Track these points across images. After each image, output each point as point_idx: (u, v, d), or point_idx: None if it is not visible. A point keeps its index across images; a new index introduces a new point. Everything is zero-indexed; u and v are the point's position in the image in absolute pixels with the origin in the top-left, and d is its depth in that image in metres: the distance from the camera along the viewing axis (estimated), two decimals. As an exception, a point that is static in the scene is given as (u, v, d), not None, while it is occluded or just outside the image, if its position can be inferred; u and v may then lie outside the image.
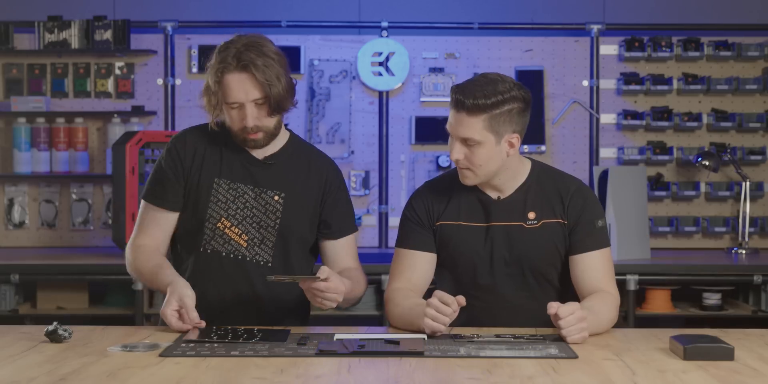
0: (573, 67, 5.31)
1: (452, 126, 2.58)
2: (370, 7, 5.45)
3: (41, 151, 5.17)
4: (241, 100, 2.60)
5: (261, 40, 2.65)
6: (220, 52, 2.61)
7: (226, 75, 2.59)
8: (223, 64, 2.59)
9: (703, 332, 2.46)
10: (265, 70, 2.58)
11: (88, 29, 5.15)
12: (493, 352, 2.26)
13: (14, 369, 2.11)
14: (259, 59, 2.58)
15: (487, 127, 2.54)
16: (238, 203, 2.70)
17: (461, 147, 2.57)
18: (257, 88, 2.59)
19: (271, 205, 2.71)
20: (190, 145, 2.74)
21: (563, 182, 2.70)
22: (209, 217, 2.69)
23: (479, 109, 2.52)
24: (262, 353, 2.25)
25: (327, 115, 5.29)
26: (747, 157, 5.23)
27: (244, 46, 2.60)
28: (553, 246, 2.66)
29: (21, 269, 4.55)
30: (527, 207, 2.66)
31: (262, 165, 2.72)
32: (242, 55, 2.58)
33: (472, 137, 2.55)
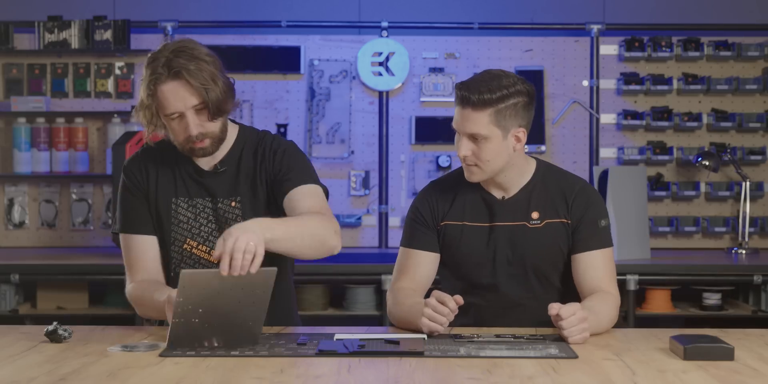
0: (573, 67, 5.31)
1: (458, 122, 2.58)
2: (370, 7, 5.45)
3: (41, 151, 5.17)
4: (179, 109, 2.49)
5: (190, 43, 2.55)
6: (150, 63, 2.50)
7: (159, 86, 2.48)
8: (154, 75, 2.48)
9: (703, 332, 2.46)
10: (198, 74, 2.47)
11: (88, 29, 5.16)
12: (493, 352, 2.26)
13: (14, 369, 2.11)
14: (191, 64, 2.48)
15: (494, 121, 2.55)
16: (200, 220, 2.64)
17: (468, 143, 2.58)
18: (194, 95, 2.48)
19: (230, 213, 2.64)
20: (142, 169, 2.66)
21: (567, 181, 2.70)
22: (174, 240, 2.65)
23: (485, 103, 2.53)
24: (262, 353, 2.25)
25: (327, 115, 5.29)
26: (747, 157, 5.24)
27: (173, 53, 2.49)
28: (556, 246, 2.66)
29: (21, 269, 4.55)
30: (531, 207, 2.66)
31: (213, 174, 2.65)
32: (172, 63, 2.47)
33: (479, 132, 2.55)
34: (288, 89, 5.30)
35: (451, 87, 5.28)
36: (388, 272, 4.47)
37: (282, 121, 5.29)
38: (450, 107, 5.29)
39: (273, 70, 5.28)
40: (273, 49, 5.28)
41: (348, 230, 5.27)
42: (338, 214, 5.26)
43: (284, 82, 5.30)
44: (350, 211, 5.29)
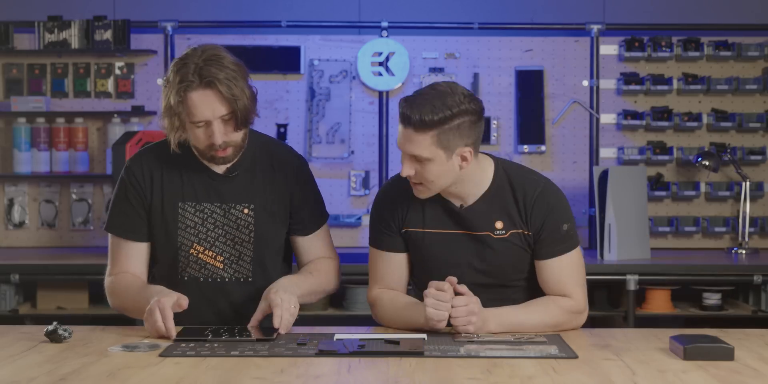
0: (573, 67, 5.31)
1: (400, 142, 2.48)
2: (370, 7, 5.45)
3: (41, 151, 5.17)
4: (207, 117, 2.50)
5: (218, 51, 2.55)
6: (179, 69, 2.51)
7: (190, 93, 2.49)
8: (185, 82, 2.48)
9: (703, 332, 2.46)
10: (230, 84, 2.48)
11: (88, 29, 5.15)
12: (493, 352, 2.26)
13: (14, 369, 2.11)
14: (221, 73, 2.49)
15: (436, 143, 2.44)
16: (207, 225, 2.64)
17: (411, 163, 2.48)
18: (223, 105, 2.49)
19: (242, 220, 2.65)
20: (146, 169, 2.65)
21: (525, 187, 2.60)
22: (181, 245, 2.64)
23: (426, 125, 2.42)
24: (262, 353, 2.25)
25: (327, 115, 5.29)
26: (747, 157, 5.23)
27: (204, 61, 2.50)
28: (522, 255, 2.62)
29: (21, 269, 4.55)
30: (493, 216, 2.60)
31: (225, 178, 2.65)
32: (203, 71, 2.48)
33: (420, 154, 2.45)
34: (288, 89, 5.30)
35: (451, 87, 5.27)
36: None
37: (282, 121, 5.29)
38: (450, 107, 5.29)
39: (273, 70, 5.28)
40: (273, 49, 5.28)
41: (348, 230, 5.27)
42: (338, 214, 5.26)
43: (284, 82, 5.30)
44: (350, 211, 5.29)
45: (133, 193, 2.65)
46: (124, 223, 2.65)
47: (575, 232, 2.64)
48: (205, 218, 2.64)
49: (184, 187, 2.64)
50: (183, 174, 2.65)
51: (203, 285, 2.66)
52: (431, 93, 2.47)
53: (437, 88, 2.49)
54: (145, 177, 2.64)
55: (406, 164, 2.50)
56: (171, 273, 2.66)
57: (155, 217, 2.64)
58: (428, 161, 2.47)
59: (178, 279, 2.65)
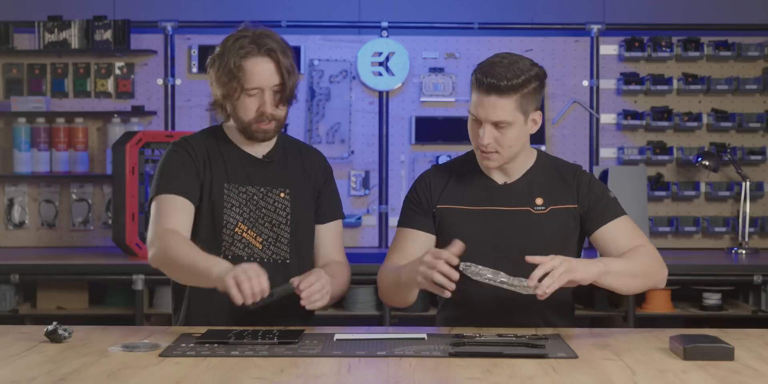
0: (573, 67, 5.31)
1: (482, 110, 2.53)
2: (370, 7, 5.45)
3: (41, 151, 5.17)
4: (262, 85, 2.59)
5: (272, 32, 2.66)
6: (235, 40, 2.60)
7: (249, 59, 2.58)
8: (244, 49, 2.58)
9: (703, 332, 2.46)
10: (285, 57, 2.59)
11: (88, 29, 5.16)
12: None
13: (14, 369, 2.11)
14: (277, 45, 2.60)
15: (518, 107, 2.53)
16: (250, 205, 2.70)
17: (491, 130, 2.55)
18: (278, 75, 2.59)
19: (279, 203, 2.72)
20: (197, 148, 2.70)
21: (566, 167, 2.72)
22: (226, 223, 2.67)
23: (512, 89, 2.50)
24: (262, 353, 2.25)
25: (327, 115, 5.29)
26: (747, 157, 5.24)
27: (260, 35, 2.61)
28: (561, 232, 2.64)
29: (21, 269, 4.54)
30: (534, 192, 2.66)
31: (263, 163, 2.73)
32: (260, 40, 2.59)
33: (505, 119, 2.53)
34: (288, 89, 5.30)
35: (452, 87, 5.28)
36: (388, 272, 4.48)
37: (282, 121, 5.28)
38: (450, 107, 5.30)
39: (273, 70, 5.28)
40: (273, 49, 5.28)
41: (348, 230, 5.27)
42: (338, 214, 5.26)
43: (284, 82, 5.30)
44: (350, 211, 5.29)
45: (191, 162, 2.67)
46: (178, 183, 2.64)
47: (619, 203, 2.69)
48: (248, 199, 2.70)
49: (228, 169, 2.70)
50: (225, 157, 2.71)
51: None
52: (504, 61, 2.53)
53: (507, 56, 2.55)
54: (198, 154, 2.69)
55: (486, 132, 2.54)
56: (214, 252, 2.60)
57: (204, 193, 2.68)
58: (509, 126, 2.54)
59: (221, 258, 2.60)
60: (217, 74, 2.61)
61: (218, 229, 2.68)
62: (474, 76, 2.54)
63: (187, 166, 2.67)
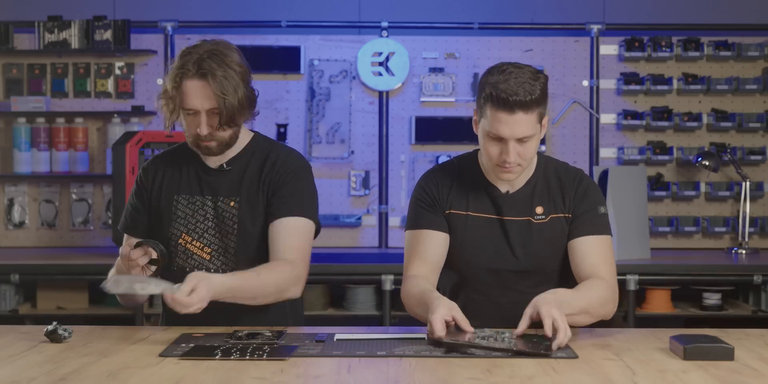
0: (573, 67, 5.31)
1: (507, 128, 2.47)
2: (370, 7, 5.45)
3: (41, 151, 5.17)
4: (196, 107, 2.57)
5: (225, 49, 2.62)
6: (183, 56, 2.58)
7: (185, 80, 2.56)
8: (183, 69, 2.56)
9: (703, 332, 2.46)
10: (223, 81, 2.54)
11: (88, 29, 5.16)
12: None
13: (14, 369, 2.11)
14: (219, 70, 2.55)
15: (537, 118, 2.50)
16: (198, 216, 2.69)
17: (516, 146, 2.50)
18: (212, 99, 2.55)
19: (227, 212, 2.67)
20: (152, 170, 2.76)
21: (567, 174, 2.69)
22: (171, 235, 2.69)
23: (535, 103, 2.47)
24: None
25: (327, 115, 5.29)
26: (747, 157, 5.23)
27: (207, 53, 2.57)
28: (559, 241, 2.64)
29: (21, 269, 4.55)
30: (535, 201, 2.65)
31: (218, 173, 2.70)
32: (203, 63, 2.55)
33: (530, 133, 2.50)
34: (288, 89, 5.30)
35: (452, 87, 5.28)
36: (389, 272, 4.48)
37: (282, 121, 5.29)
38: (450, 107, 5.29)
39: (273, 70, 5.28)
40: (273, 49, 5.28)
41: (348, 230, 5.27)
42: (338, 214, 5.27)
43: (284, 82, 5.30)
44: (350, 211, 5.29)
45: (139, 192, 2.76)
46: (132, 221, 2.76)
47: (608, 221, 2.66)
48: (196, 210, 2.69)
49: (182, 181, 2.72)
50: (182, 169, 2.73)
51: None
52: (511, 74, 2.48)
53: (514, 69, 2.49)
54: (149, 176, 2.75)
55: (511, 150, 2.50)
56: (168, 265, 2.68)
57: (153, 212, 2.74)
58: (530, 138, 2.51)
59: (169, 271, 2.68)
60: (162, 89, 2.63)
61: (164, 241, 2.68)
62: (490, 95, 2.47)
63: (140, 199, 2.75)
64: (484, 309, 2.64)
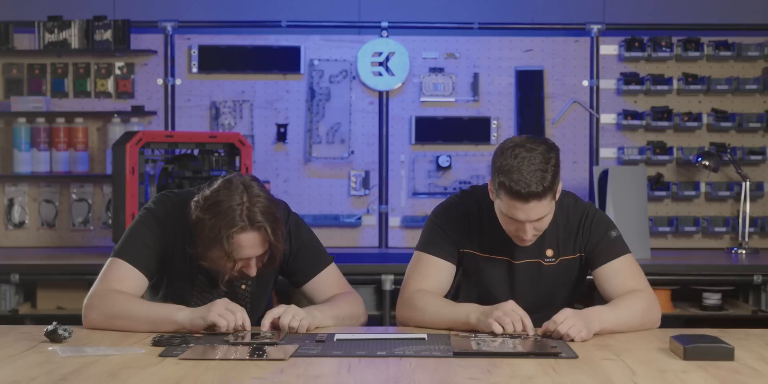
0: (573, 67, 5.31)
1: (522, 213, 2.56)
2: (370, 7, 5.45)
3: (41, 151, 5.17)
4: (251, 256, 2.60)
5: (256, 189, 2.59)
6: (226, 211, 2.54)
7: (240, 235, 2.55)
8: (236, 226, 2.53)
9: (703, 332, 2.46)
10: (276, 230, 2.57)
11: (88, 29, 5.15)
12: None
13: (14, 369, 2.11)
14: (267, 216, 2.56)
15: (552, 197, 2.59)
16: (215, 293, 2.73)
17: (531, 225, 2.59)
18: (265, 246, 2.59)
19: (239, 293, 2.76)
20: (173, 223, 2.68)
21: (574, 215, 2.75)
22: (193, 304, 2.71)
23: (548, 189, 2.55)
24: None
25: (327, 115, 5.29)
26: (747, 157, 5.23)
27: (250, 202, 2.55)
28: (568, 281, 2.76)
29: (21, 269, 4.54)
30: (545, 244, 2.72)
31: None
32: (253, 216, 2.54)
33: (545, 214, 2.59)
34: (288, 89, 5.30)
35: (452, 87, 5.28)
36: (388, 272, 4.48)
37: (282, 121, 5.29)
38: (450, 107, 5.29)
39: (273, 70, 5.28)
40: (273, 49, 5.28)
41: (348, 230, 5.27)
42: (338, 214, 5.26)
43: (284, 82, 5.30)
44: (350, 211, 5.29)
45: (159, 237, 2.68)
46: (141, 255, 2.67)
47: (623, 240, 2.74)
48: (213, 287, 2.74)
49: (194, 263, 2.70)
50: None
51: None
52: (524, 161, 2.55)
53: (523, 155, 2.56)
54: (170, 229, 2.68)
55: (528, 230, 2.59)
56: None
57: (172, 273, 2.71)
58: (546, 215, 2.60)
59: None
60: (208, 239, 2.56)
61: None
62: (503, 184, 2.55)
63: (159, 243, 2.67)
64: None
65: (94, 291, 2.62)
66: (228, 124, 5.25)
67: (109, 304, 2.57)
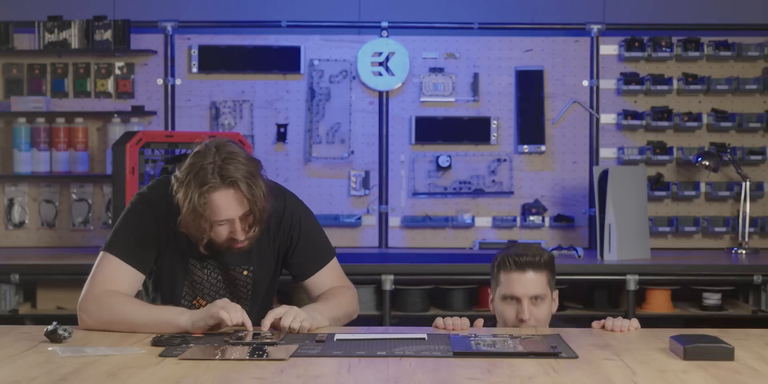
0: (573, 67, 5.31)
1: (521, 286, 2.73)
2: (370, 7, 5.45)
3: (41, 151, 5.17)
4: (230, 216, 2.52)
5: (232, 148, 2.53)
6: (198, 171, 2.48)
7: (212, 193, 2.48)
8: (207, 184, 2.47)
9: (703, 332, 2.46)
10: (250, 183, 2.49)
11: (88, 29, 5.15)
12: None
13: (14, 369, 2.11)
14: (240, 172, 2.48)
15: (548, 282, 2.77)
16: (212, 280, 2.71)
17: (530, 306, 2.72)
18: (244, 204, 2.50)
19: (240, 280, 2.72)
20: (165, 206, 2.59)
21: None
22: (185, 295, 2.70)
23: (544, 264, 2.76)
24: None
25: (327, 115, 5.29)
26: (747, 157, 5.23)
27: (222, 160, 2.48)
28: None
29: (21, 269, 4.54)
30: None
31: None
32: (223, 171, 2.47)
33: (542, 293, 2.74)
34: (288, 89, 5.30)
35: (452, 87, 5.28)
36: (388, 272, 4.48)
37: (282, 121, 5.29)
38: (450, 107, 5.29)
39: (273, 70, 5.28)
40: (273, 49, 5.28)
41: (348, 230, 5.27)
42: (338, 214, 5.26)
43: (284, 82, 5.30)
44: (350, 211, 5.29)
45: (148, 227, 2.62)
46: (132, 250, 2.62)
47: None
48: (209, 275, 2.70)
49: (191, 243, 2.63)
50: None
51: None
52: (521, 246, 2.84)
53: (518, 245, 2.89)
54: (160, 217, 2.61)
55: (526, 308, 2.73)
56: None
57: (164, 264, 2.67)
58: (542, 301, 2.75)
59: None
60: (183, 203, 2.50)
61: (176, 301, 2.69)
62: (502, 261, 2.77)
63: (150, 233, 2.61)
64: None
65: (88, 293, 2.58)
66: (228, 124, 5.25)
67: (106, 310, 2.54)
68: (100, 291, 2.57)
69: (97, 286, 2.59)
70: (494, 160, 5.27)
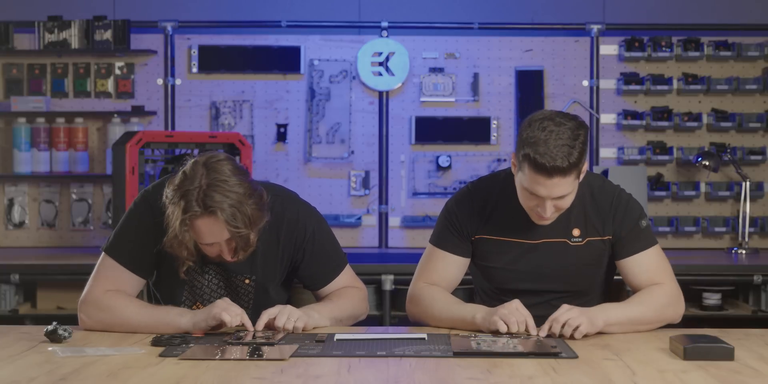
0: (573, 67, 5.31)
1: (544, 189, 2.48)
2: (370, 7, 5.45)
3: (41, 151, 5.17)
4: (215, 240, 2.48)
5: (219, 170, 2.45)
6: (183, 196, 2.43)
7: (195, 221, 2.44)
8: (190, 211, 2.42)
9: (703, 332, 2.46)
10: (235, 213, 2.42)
11: (88, 29, 5.15)
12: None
13: (14, 369, 2.11)
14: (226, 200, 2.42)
15: (576, 175, 2.52)
16: (212, 286, 2.69)
17: (552, 203, 2.52)
18: (227, 231, 2.46)
19: (242, 288, 2.69)
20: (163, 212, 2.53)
21: (602, 195, 2.68)
22: (185, 300, 2.69)
23: (573, 166, 2.47)
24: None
25: (327, 115, 5.29)
26: (747, 157, 5.23)
27: (208, 186, 2.42)
28: (596, 263, 2.69)
29: (21, 269, 4.54)
30: (571, 223, 2.66)
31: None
32: (207, 200, 2.41)
33: (568, 192, 2.52)
34: (288, 89, 5.30)
35: (452, 87, 5.28)
36: (388, 272, 4.48)
37: (282, 121, 5.29)
38: (450, 107, 5.29)
39: (273, 70, 5.28)
40: (273, 49, 5.28)
41: (348, 230, 5.27)
42: (338, 214, 5.26)
43: (284, 82, 5.30)
44: (350, 211, 5.29)
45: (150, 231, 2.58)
46: (131, 254, 2.61)
47: (651, 230, 2.71)
48: (209, 280, 2.68)
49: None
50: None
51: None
52: (552, 133, 2.47)
53: (551, 128, 2.48)
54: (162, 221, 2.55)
55: (548, 207, 2.52)
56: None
57: (162, 266, 2.64)
58: (569, 193, 2.53)
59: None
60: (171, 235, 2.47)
61: (176, 304, 2.67)
62: (527, 156, 2.47)
63: (151, 238, 2.57)
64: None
65: (89, 293, 2.58)
66: (228, 124, 5.25)
67: (107, 311, 2.54)
68: (101, 292, 2.58)
69: (98, 286, 2.60)
70: (494, 160, 5.27)
